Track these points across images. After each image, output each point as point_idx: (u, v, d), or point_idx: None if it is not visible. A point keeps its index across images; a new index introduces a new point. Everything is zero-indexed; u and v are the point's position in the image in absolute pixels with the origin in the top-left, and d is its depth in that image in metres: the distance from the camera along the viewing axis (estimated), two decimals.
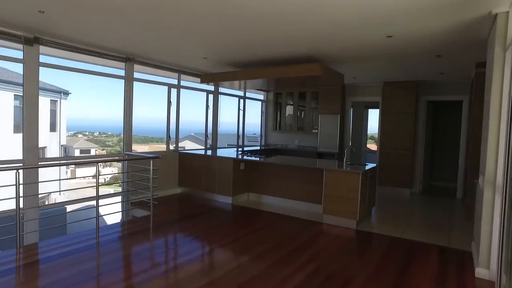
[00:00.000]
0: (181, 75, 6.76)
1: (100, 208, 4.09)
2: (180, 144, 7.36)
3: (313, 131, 8.58)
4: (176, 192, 6.71)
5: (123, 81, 5.72)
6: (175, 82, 7.07)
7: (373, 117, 10.00)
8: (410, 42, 4.16)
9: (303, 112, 8.79)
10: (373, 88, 7.90)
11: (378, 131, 7.60)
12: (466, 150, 6.67)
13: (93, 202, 4.28)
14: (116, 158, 6.93)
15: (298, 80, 5.61)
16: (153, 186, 4.64)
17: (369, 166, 5.17)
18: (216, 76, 6.05)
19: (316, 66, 4.89)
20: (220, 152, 6.78)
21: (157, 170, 4.85)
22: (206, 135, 8.22)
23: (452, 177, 8.30)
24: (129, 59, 5.63)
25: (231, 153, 6.67)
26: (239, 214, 5.41)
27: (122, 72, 5.70)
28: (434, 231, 4.65)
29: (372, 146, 11.96)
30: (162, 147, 7.37)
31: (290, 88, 8.78)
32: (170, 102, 6.57)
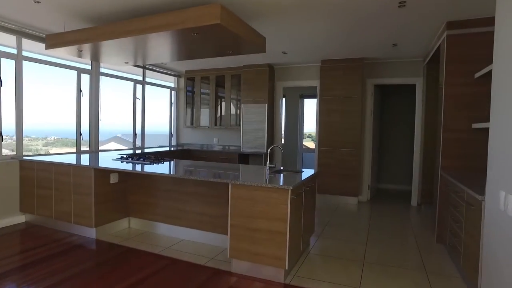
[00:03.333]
0: (22, 39, 4.27)
1: None
2: (104, 147, 5.91)
3: (236, 126, 6.63)
4: (18, 222, 4.24)
5: None
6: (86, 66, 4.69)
7: (311, 109, 8.40)
8: None
9: (222, 103, 6.78)
10: (309, 70, 6.19)
11: (316, 123, 5.89)
12: (424, 145, 5.24)
13: None
14: None
15: (192, 41, 3.57)
16: None
17: (307, 173, 3.32)
18: (67, 36, 3.73)
19: (213, 8, 2.89)
20: (97, 157, 4.44)
21: None
22: (135, 134, 6.25)
23: (403, 178, 6.95)
24: None
25: (107, 159, 4.38)
26: (103, 258, 3.18)
27: None
28: (407, 276, 2.93)
29: (311, 144, 10.39)
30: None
31: (197, 59, 6.74)
32: (81, 91, 4.17)
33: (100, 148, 5.61)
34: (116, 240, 3.67)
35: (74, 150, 5.19)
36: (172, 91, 7.37)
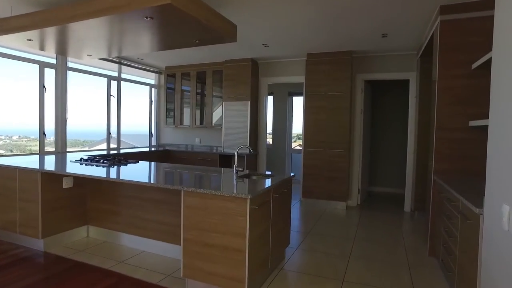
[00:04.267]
0: None
1: None
2: (99, 147, 5.88)
3: (218, 126, 6.19)
4: None
5: None
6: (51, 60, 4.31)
7: (301, 108, 7.95)
8: None
9: (204, 100, 6.35)
10: (295, 64, 5.76)
11: (303, 122, 5.45)
12: (417, 145, 4.81)
13: None
14: None
15: (150, 28, 3.14)
16: None
17: (277, 179, 2.89)
18: (9, 22, 3.29)
19: None
20: (54, 159, 4.01)
21: None
22: (109, 133, 5.85)
23: (397, 181, 6.52)
24: None
25: (67, 161, 3.94)
26: (45, 274, 2.74)
27: None
28: None
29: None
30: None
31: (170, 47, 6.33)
32: (44, 87, 3.80)
33: (95, 148, 5.30)
34: (67, 253, 3.23)
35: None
36: (153, 89, 6.94)
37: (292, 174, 3.13)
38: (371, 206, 5.51)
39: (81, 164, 3.58)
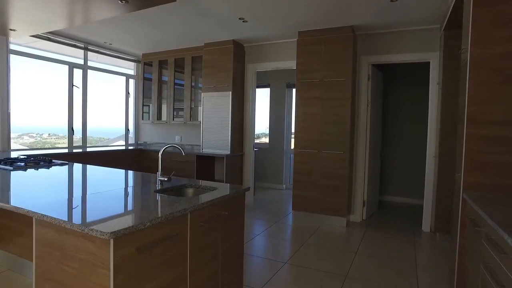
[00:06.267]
0: None
1: None
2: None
3: (197, 121, 5.26)
4: None
5: None
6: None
7: None
8: None
9: (183, 93, 5.43)
10: (286, 47, 4.73)
11: (295, 117, 4.41)
12: (440, 147, 3.68)
13: None
14: None
15: None
16: None
17: (222, 191, 1.90)
18: None
19: None
20: None
21: None
22: (71, 129, 5.08)
23: (414, 189, 5.37)
24: None
25: None
26: None
27: None
28: None
29: None
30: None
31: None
32: None
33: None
34: None
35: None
36: (130, 79, 6.10)
37: (247, 187, 2.13)
38: (380, 222, 4.40)
39: None
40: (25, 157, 3.24)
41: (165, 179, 2.03)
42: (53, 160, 3.13)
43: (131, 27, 4.34)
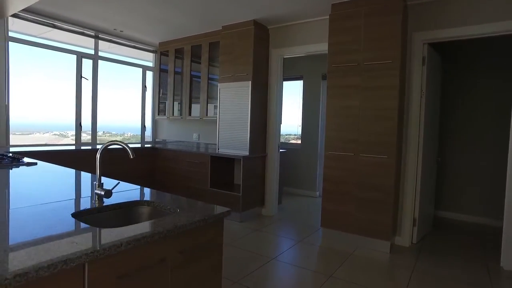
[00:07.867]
0: None
1: None
2: None
3: (213, 117, 4.60)
4: None
5: None
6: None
7: None
8: None
9: (199, 85, 4.80)
10: (318, 26, 3.89)
11: (326, 112, 3.56)
12: None
13: None
14: None
15: None
16: None
17: (168, 224, 1.18)
18: None
19: None
20: None
21: None
22: (79, 125, 4.74)
23: (485, 206, 4.27)
24: None
25: None
26: None
27: None
28: None
29: None
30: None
31: None
32: None
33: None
34: None
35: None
36: (148, 72, 5.61)
37: (226, 210, 1.38)
38: (436, 248, 3.39)
39: None
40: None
41: (102, 193, 1.34)
42: (24, 159, 2.62)
43: (146, 9, 3.79)
